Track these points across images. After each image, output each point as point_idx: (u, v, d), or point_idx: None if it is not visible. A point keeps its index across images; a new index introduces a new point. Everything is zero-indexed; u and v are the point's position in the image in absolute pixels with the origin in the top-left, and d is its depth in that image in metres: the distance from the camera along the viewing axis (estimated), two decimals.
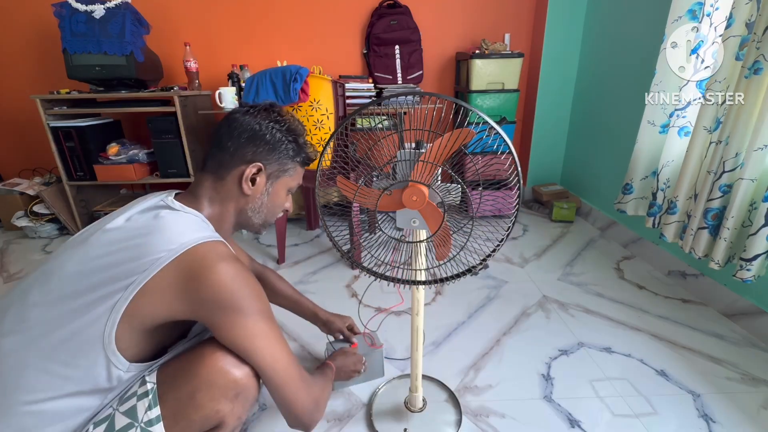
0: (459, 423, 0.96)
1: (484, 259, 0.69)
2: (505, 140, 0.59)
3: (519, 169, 0.60)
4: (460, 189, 0.67)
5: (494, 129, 0.59)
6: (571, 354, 1.19)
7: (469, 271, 0.70)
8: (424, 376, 1.09)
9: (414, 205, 0.65)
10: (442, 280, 0.72)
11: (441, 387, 1.07)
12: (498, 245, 0.68)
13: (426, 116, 0.67)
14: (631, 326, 1.31)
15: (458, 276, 0.70)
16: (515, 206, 0.65)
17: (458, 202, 0.69)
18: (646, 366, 1.13)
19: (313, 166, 0.75)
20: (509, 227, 0.66)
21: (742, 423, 0.94)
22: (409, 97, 0.63)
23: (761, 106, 1.07)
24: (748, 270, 1.12)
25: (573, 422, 0.96)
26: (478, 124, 0.59)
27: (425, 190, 0.64)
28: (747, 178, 1.12)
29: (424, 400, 0.99)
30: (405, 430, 0.94)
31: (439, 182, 0.69)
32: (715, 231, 1.24)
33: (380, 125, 0.70)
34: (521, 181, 0.62)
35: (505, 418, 0.97)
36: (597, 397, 1.03)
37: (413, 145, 0.68)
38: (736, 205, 1.14)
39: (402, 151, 0.67)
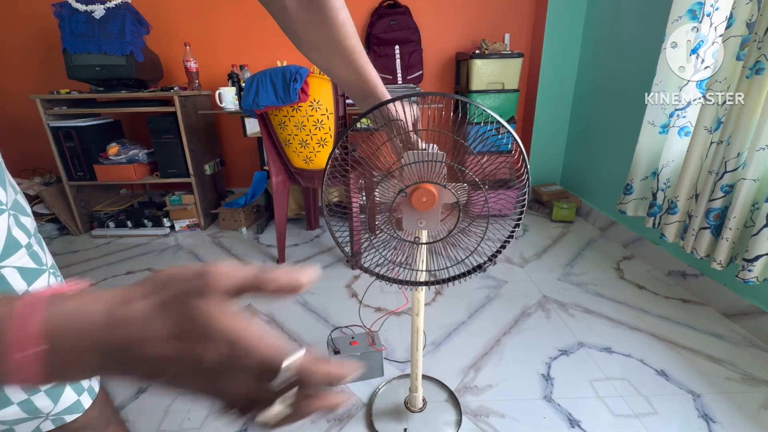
0: (459, 423, 0.96)
1: (490, 259, 0.68)
2: (515, 140, 0.59)
3: (528, 166, 0.60)
4: (467, 189, 0.67)
5: (499, 129, 0.59)
6: (571, 354, 1.19)
7: (470, 272, 0.70)
8: (424, 376, 1.09)
9: (423, 207, 0.64)
10: (444, 281, 0.71)
11: (441, 387, 1.07)
12: (504, 244, 0.67)
13: (434, 116, 0.66)
14: (631, 326, 1.31)
15: (461, 276, 0.70)
16: (522, 206, 0.65)
17: (464, 203, 0.68)
18: (646, 366, 1.13)
19: (313, 165, 0.75)
20: (514, 227, 0.66)
21: (742, 423, 0.94)
22: (414, 98, 0.63)
23: (763, 106, 1.07)
24: (749, 271, 1.12)
25: (573, 422, 0.96)
26: (486, 123, 0.59)
27: (435, 191, 0.64)
28: (749, 178, 1.11)
29: (424, 400, 0.99)
30: (405, 430, 0.94)
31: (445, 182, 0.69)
32: (717, 231, 1.24)
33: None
34: (529, 180, 0.62)
35: (505, 418, 0.97)
36: (597, 397, 1.03)
37: (423, 145, 0.68)
38: (738, 205, 1.14)
39: (411, 152, 0.67)
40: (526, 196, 0.64)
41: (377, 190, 0.70)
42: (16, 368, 0.20)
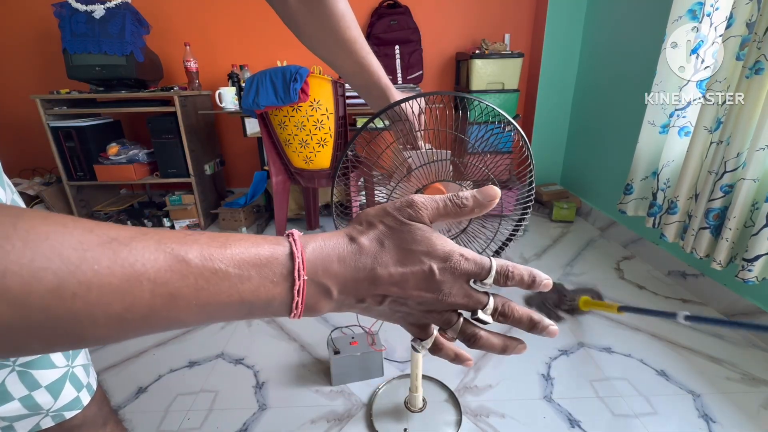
0: (459, 423, 0.96)
1: (497, 252, 0.68)
2: (523, 137, 0.59)
3: (534, 164, 0.60)
4: (471, 187, 0.66)
5: (504, 128, 0.59)
6: (571, 354, 1.19)
7: None
8: (424, 376, 1.09)
9: None
10: None
11: (441, 387, 1.07)
12: (510, 237, 0.67)
13: (441, 115, 0.66)
14: (631, 326, 1.31)
15: None
16: (527, 203, 0.65)
17: None
18: (646, 366, 1.13)
19: (313, 165, 0.74)
20: (519, 221, 0.66)
21: (742, 423, 0.94)
22: (420, 99, 0.62)
23: (763, 106, 1.07)
24: (749, 271, 1.12)
25: (573, 422, 0.96)
26: (491, 122, 0.59)
27: (444, 189, 0.63)
28: (749, 178, 1.11)
29: (424, 400, 0.99)
30: (405, 430, 0.94)
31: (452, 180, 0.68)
32: (717, 231, 1.24)
33: (384, 125, 0.69)
34: (533, 177, 0.62)
35: (505, 418, 0.97)
36: (597, 397, 1.03)
37: (429, 146, 0.68)
38: (738, 205, 1.14)
39: (418, 152, 0.66)
40: (533, 193, 0.64)
41: (386, 191, 0.69)
42: (293, 294, 0.23)
